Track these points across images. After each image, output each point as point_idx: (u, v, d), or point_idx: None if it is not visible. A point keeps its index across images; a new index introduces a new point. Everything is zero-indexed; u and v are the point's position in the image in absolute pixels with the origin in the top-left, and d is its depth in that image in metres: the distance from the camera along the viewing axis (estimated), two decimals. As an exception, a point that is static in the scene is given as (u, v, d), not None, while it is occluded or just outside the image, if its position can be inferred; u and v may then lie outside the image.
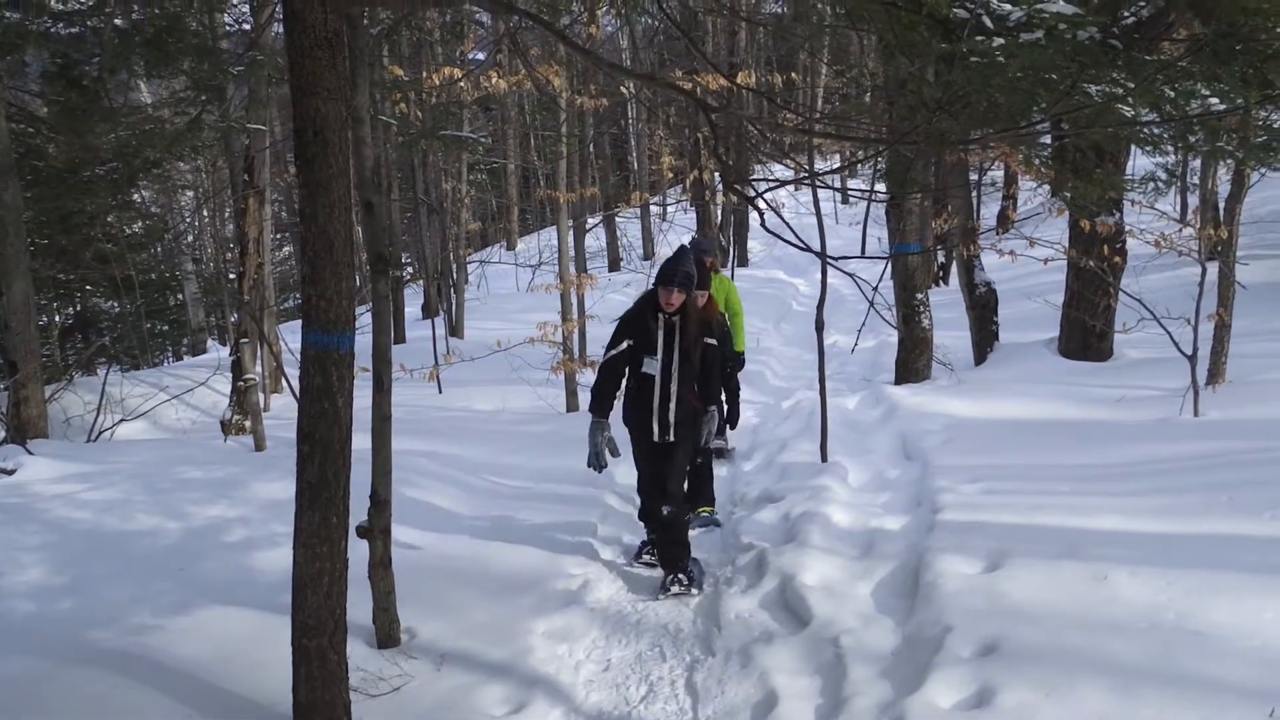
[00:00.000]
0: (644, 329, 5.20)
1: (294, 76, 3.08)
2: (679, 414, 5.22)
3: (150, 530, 5.64)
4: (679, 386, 5.20)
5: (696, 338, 5.21)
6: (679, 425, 5.25)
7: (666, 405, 5.21)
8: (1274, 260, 12.76)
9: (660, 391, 5.19)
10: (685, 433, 5.30)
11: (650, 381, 5.20)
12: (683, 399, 5.22)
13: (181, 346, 20.42)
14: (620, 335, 5.27)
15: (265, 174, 8.76)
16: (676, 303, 5.11)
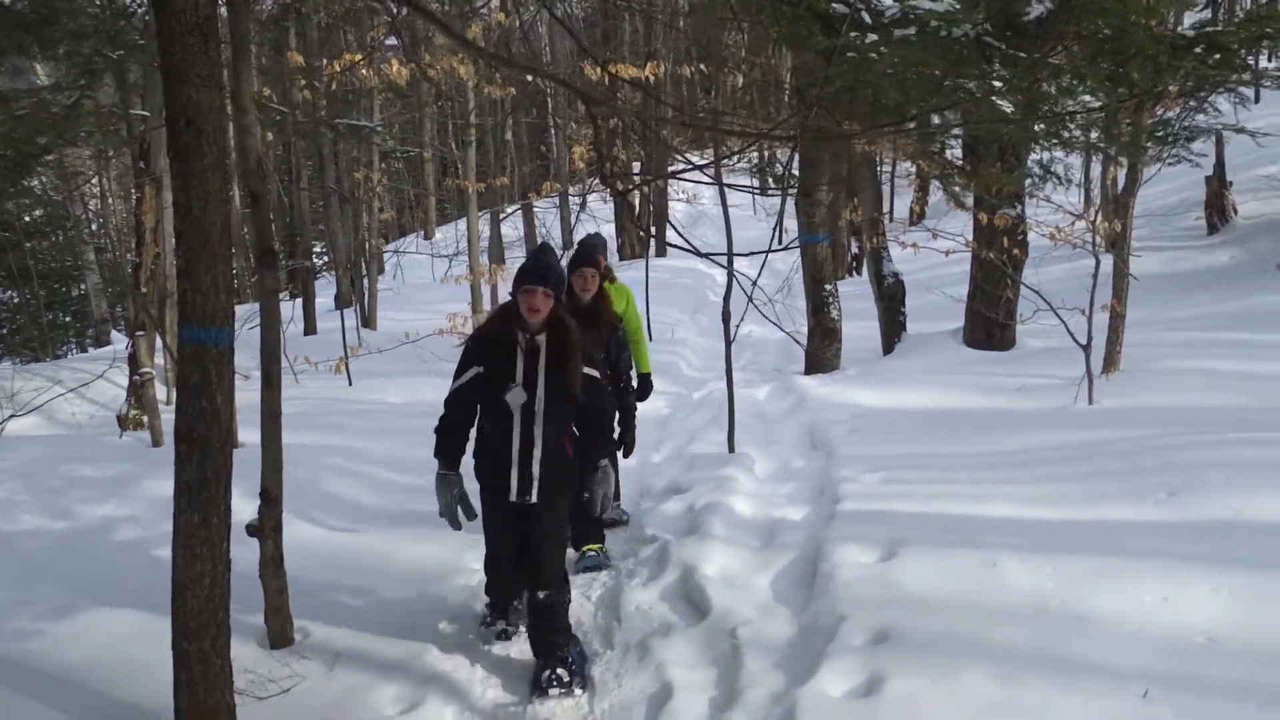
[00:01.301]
0: (500, 351, 4.03)
1: (164, 64, 2.97)
2: (547, 466, 4.04)
3: (34, 531, 5.44)
4: (546, 428, 4.02)
5: (573, 364, 4.04)
6: (546, 480, 4.06)
7: (529, 454, 4.01)
8: (1168, 252, 13.21)
9: (521, 435, 4.00)
10: (555, 490, 4.11)
11: (508, 422, 4.01)
12: (552, 445, 4.06)
13: (85, 338, 19.80)
14: (468, 360, 4.11)
15: (162, 160, 8.48)
16: (543, 310, 3.94)
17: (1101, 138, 4.26)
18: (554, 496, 4.11)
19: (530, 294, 3.92)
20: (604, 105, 4.16)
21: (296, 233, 16.24)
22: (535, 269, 3.99)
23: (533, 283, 3.93)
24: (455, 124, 17.87)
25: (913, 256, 10.41)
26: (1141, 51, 2.90)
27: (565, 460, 4.16)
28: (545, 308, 3.95)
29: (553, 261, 4.08)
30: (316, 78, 7.52)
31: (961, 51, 2.79)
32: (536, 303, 3.92)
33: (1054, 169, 7.76)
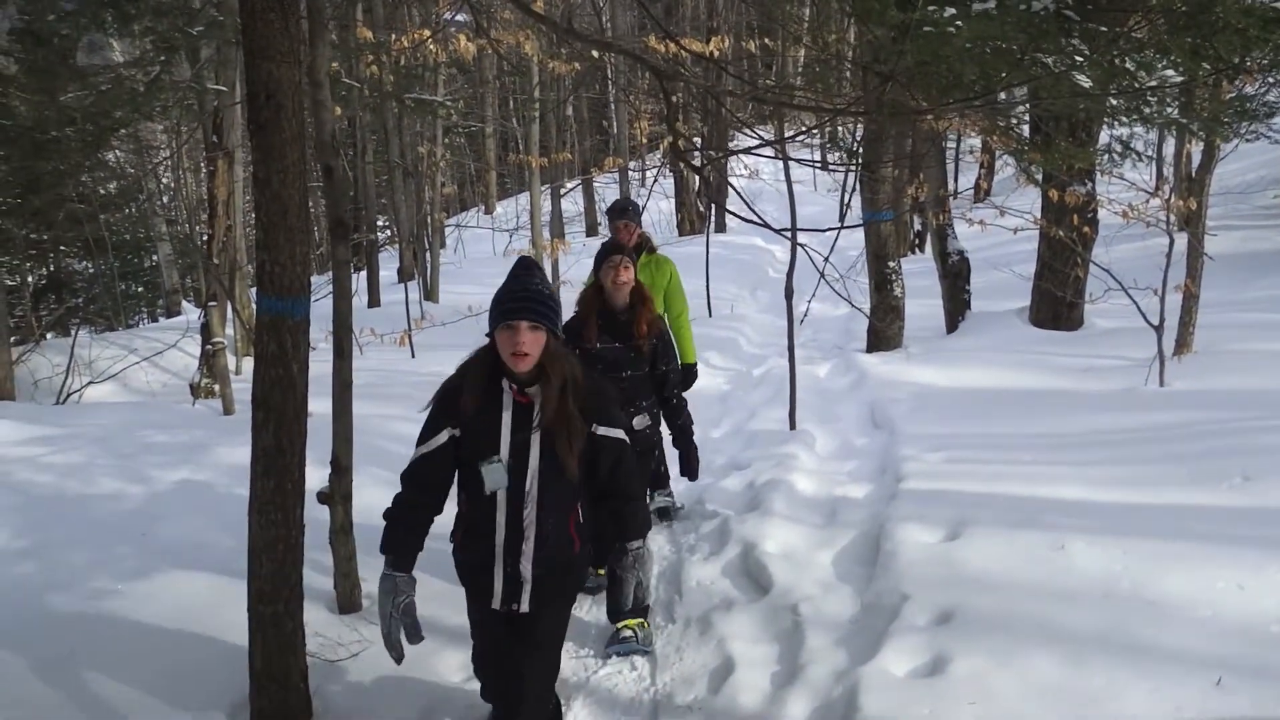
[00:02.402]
0: (478, 409, 2.99)
1: (246, 40, 3.03)
2: (542, 567, 3.05)
3: (113, 494, 5.61)
4: (542, 516, 3.02)
5: (573, 430, 2.98)
6: (541, 586, 3.06)
7: (517, 550, 3.02)
8: (1244, 231, 12.84)
9: (508, 525, 3.01)
10: (554, 596, 3.12)
11: (490, 506, 3.02)
12: (551, 539, 3.04)
13: (156, 308, 20.27)
14: (437, 417, 3.07)
15: (235, 135, 8.65)
16: (532, 352, 2.89)
17: (1181, 113, 4.14)
18: (549, 604, 3.10)
19: (511, 331, 2.85)
20: (676, 78, 4.15)
21: (361, 206, 16.44)
22: (514, 295, 2.89)
23: (514, 316, 2.85)
24: (517, 99, 17.90)
25: (978, 234, 10.26)
26: (1228, 25, 2.82)
27: (570, 558, 3.11)
28: (535, 348, 2.88)
29: (538, 283, 2.97)
30: (385, 52, 7.60)
31: (1041, 25, 2.73)
32: (521, 342, 2.84)
33: (1133, 145, 7.57)
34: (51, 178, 10.87)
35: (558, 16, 9.59)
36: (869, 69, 4.30)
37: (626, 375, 4.55)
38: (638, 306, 4.54)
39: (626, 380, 4.54)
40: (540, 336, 2.89)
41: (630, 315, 4.54)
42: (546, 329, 2.91)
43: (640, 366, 4.59)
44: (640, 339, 4.52)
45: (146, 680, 3.75)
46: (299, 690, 3.56)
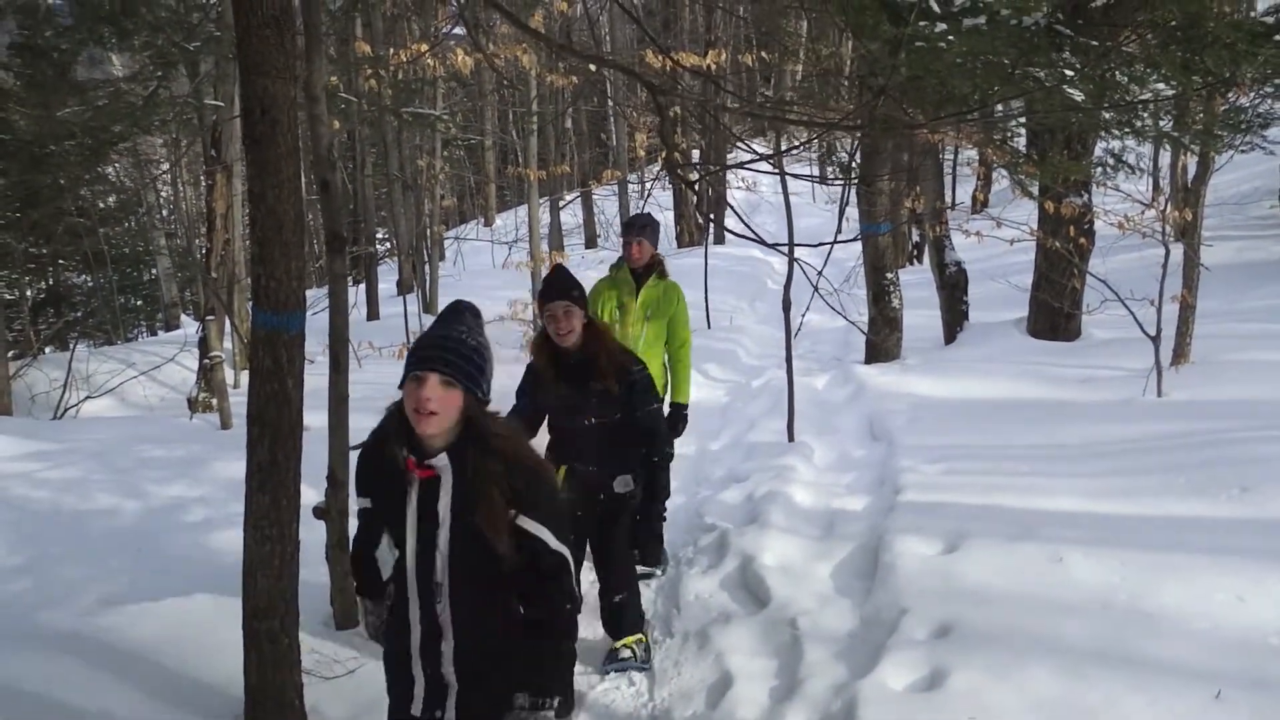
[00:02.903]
0: (388, 480, 2.51)
1: (241, 55, 3.04)
2: (468, 666, 2.53)
3: (109, 510, 5.60)
4: (459, 610, 2.51)
5: (499, 511, 2.42)
6: (472, 690, 2.54)
7: (436, 649, 2.52)
8: (1240, 241, 12.86)
9: (422, 621, 2.52)
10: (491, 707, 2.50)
11: (401, 598, 2.57)
12: (475, 636, 2.52)
13: (155, 322, 20.29)
14: (359, 486, 2.67)
15: (233, 149, 8.66)
16: (442, 412, 2.36)
17: (1174, 126, 4.15)
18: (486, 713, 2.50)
19: (417, 384, 2.34)
20: (670, 93, 4.16)
21: (360, 219, 16.46)
22: (429, 343, 2.42)
23: (423, 366, 2.35)
24: (516, 112, 17.94)
25: (975, 245, 10.26)
26: (1218, 39, 2.83)
27: (503, 654, 2.53)
28: (446, 408, 2.34)
29: (464, 331, 2.44)
30: (383, 67, 7.62)
31: (1032, 40, 2.74)
32: (427, 399, 2.32)
33: (1125, 158, 7.58)
34: (50, 191, 10.90)
35: (556, 30, 9.61)
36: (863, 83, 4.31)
37: (593, 422, 4.03)
38: (595, 348, 3.96)
39: (599, 429, 4.04)
40: (455, 396, 2.35)
41: (588, 356, 3.96)
42: (464, 387, 2.37)
43: (610, 411, 4.02)
44: (607, 379, 3.96)
45: (141, 697, 3.74)
46: (294, 707, 3.55)
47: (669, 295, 5.33)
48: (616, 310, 5.26)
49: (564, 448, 4.13)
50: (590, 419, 4.04)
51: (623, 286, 5.32)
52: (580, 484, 4.06)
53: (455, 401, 2.38)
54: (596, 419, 4.03)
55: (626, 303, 5.27)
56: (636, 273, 5.29)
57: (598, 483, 4.09)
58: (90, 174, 11.39)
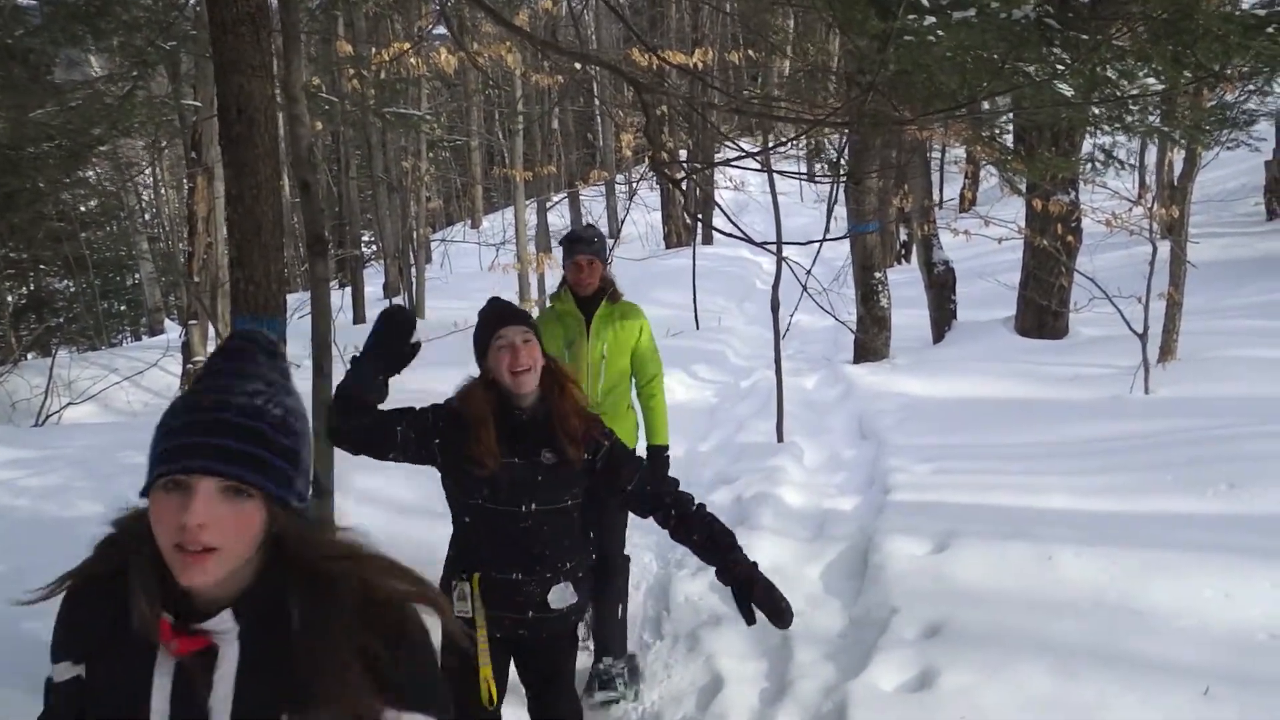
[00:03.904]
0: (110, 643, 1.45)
1: (217, 53, 2.99)
2: None
3: (91, 518, 5.44)
4: None
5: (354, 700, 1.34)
6: None
7: None
8: (1225, 239, 12.91)
9: None
10: None
11: None
12: None
13: (139, 327, 20.16)
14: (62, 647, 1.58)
15: (214, 151, 8.59)
16: (221, 546, 1.31)
17: (1163, 121, 4.14)
18: None
19: (180, 496, 1.32)
20: (655, 91, 4.12)
21: (345, 221, 16.39)
22: (194, 424, 1.38)
23: (184, 460, 1.34)
24: (502, 112, 17.90)
25: (963, 244, 10.28)
26: (1209, 32, 2.81)
27: None
28: (233, 536, 1.33)
29: (252, 389, 1.40)
30: (365, 67, 7.57)
31: (1022, 34, 2.71)
32: (194, 513, 1.29)
33: (1115, 153, 7.58)
34: (30, 195, 10.79)
35: (541, 29, 9.57)
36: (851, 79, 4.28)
37: (533, 509, 2.75)
38: (554, 397, 2.78)
39: (541, 518, 2.77)
40: (249, 513, 1.34)
41: (545, 412, 2.77)
42: (263, 493, 1.35)
43: (561, 493, 2.79)
44: (570, 447, 2.75)
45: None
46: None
47: (628, 321, 4.21)
48: (565, 351, 4.07)
49: (480, 544, 2.78)
50: (531, 504, 2.73)
51: (569, 320, 4.16)
52: (500, 600, 2.76)
53: (250, 523, 1.35)
54: (540, 504, 2.74)
55: (576, 340, 4.11)
56: (584, 300, 4.14)
57: (524, 599, 2.76)
58: (70, 177, 11.29)
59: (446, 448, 2.77)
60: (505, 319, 2.81)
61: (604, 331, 4.14)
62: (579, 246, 4.13)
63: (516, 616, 2.79)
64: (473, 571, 2.78)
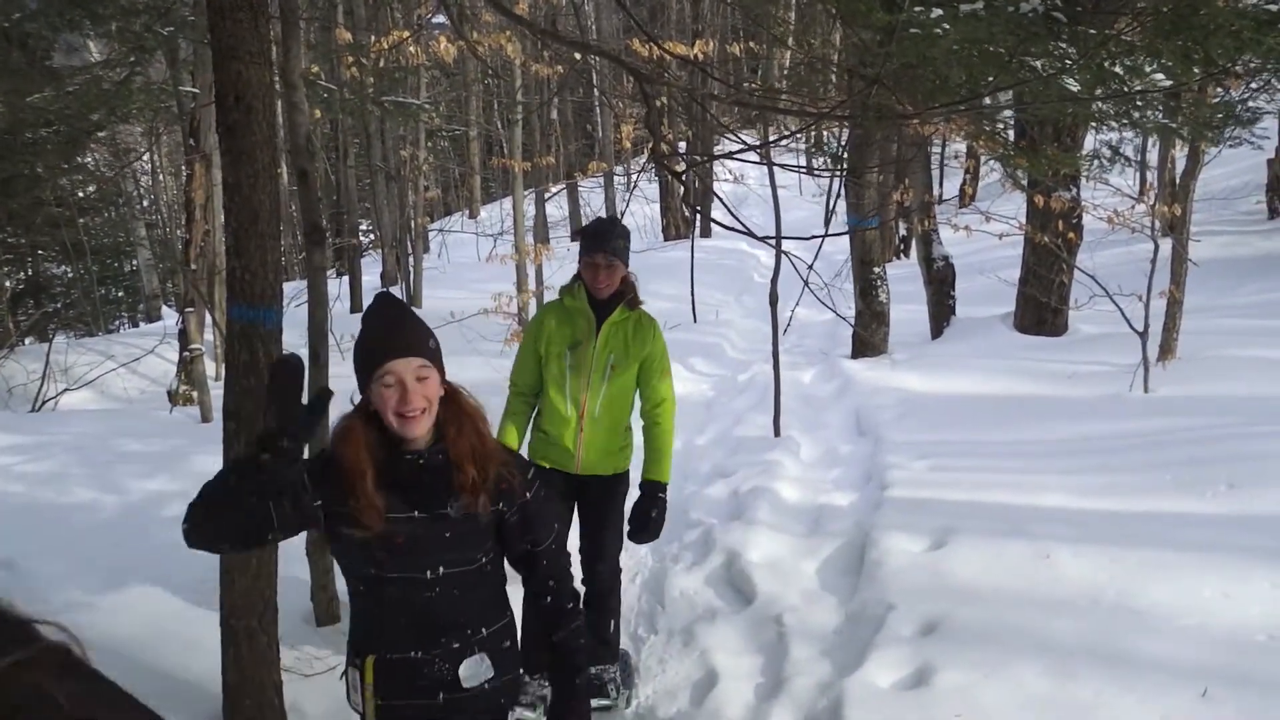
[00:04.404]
0: None
1: (214, 39, 2.96)
2: None
3: (86, 504, 5.51)
4: None
5: None
6: None
7: None
8: (1227, 236, 12.88)
9: None
10: None
11: None
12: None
13: (137, 313, 20.12)
14: None
15: (212, 138, 8.55)
16: None
17: (1170, 117, 4.11)
18: None
19: None
20: (657, 82, 4.09)
21: (343, 210, 16.33)
22: None
23: None
24: (501, 102, 17.81)
25: (963, 239, 10.24)
26: (1221, 27, 2.78)
27: None
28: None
29: None
30: (364, 55, 7.52)
31: (1030, 28, 2.68)
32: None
33: (1122, 150, 7.54)
34: (28, 180, 10.76)
35: (541, 18, 9.53)
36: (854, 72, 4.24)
37: (441, 574, 2.23)
38: (461, 440, 2.22)
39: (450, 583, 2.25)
40: None
41: (441, 457, 2.21)
42: None
43: (473, 550, 2.27)
44: (470, 497, 2.21)
45: (116, 696, 3.67)
46: (274, 706, 3.49)
47: (642, 334, 3.75)
48: (567, 352, 3.69)
49: (378, 621, 2.29)
50: (439, 567, 2.23)
51: (578, 319, 3.72)
52: (401, 685, 2.28)
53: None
54: (450, 567, 2.24)
55: (583, 343, 3.69)
56: (599, 302, 3.71)
57: (429, 681, 2.27)
58: (68, 163, 11.25)
59: (327, 506, 2.19)
60: (395, 348, 2.15)
61: (615, 339, 3.71)
62: (599, 244, 3.60)
63: (423, 703, 2.26)
64: (366, 655, 2.28)
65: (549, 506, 2.40)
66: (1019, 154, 6.22)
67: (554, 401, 3.71)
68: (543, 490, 2.36)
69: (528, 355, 3.78)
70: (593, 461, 3.77)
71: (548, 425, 3.77)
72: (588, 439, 3.73)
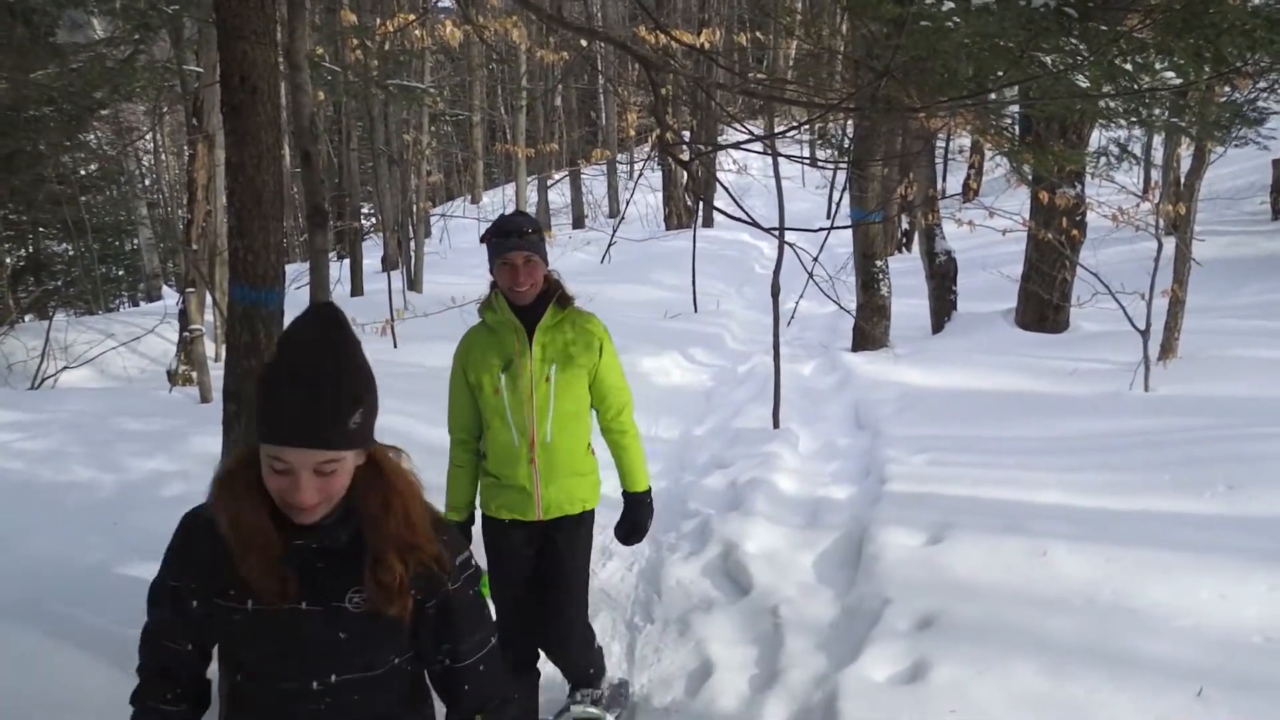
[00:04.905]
0: None
1: (219, 18, 2.94)
2: None
3: (85, 483, 5.50)
4: None
5: None
6: None
7: None
8: (1231, 236, 12.86)
9: None
10: None
11: None
12: None
13: (137, 292, 20.10)
14: None
15: (215, 118, 8.52)
16: None
17: (1178, 116, 4.10)
18: None
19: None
20: (665, 70, 4.07)
21: (345, 193, 16.30)
22: None
23: None
24: (506, 88, 17.78)
25: (965, 234, 10.23)
26: (1234, 26, 2.76)
27: None
28: None
29: None
30: (369, 37, 7.49)
31: (1041, 23, 2.67)
32: None
33: (1130, 148, 7.52)
34: (30, 157, 10.73)
35: (548, 4, 9.50)
36: (862, 64, 4.21)
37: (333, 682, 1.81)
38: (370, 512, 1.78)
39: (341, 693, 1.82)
40: None
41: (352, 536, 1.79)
42: None
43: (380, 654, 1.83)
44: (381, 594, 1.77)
45: (117, 675, 3.66)
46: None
47: (585, 336, 3.24)
48: (501, 377, 3.16)
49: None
50: (329, 674, 1.81)
51: (505, 334, 3.17)
52: None
53: None
54: (343, 674, 1.81)
55: (516, 360, 3.15)
56: (525, 310, 3.15)
57: None
58: (70, 140, 11.22)
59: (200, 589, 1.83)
60: (299, 433, 1.63)
61: (553, 346, 3.18)
62: (512, 241, 3.05)
63: None
64: None
65: (477, 607, 1.88)
66: (1025, 150, 6.20)
67: (497, 434, 3.20)
68: (473, 587, 1.85)
69: (458, 393, 3.26)
70: (558, 500, 3.24)
71: (495, 466, 3.24)
72: (545, 471, 3.19)
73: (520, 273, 3.06)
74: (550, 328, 3.18)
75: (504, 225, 3.08)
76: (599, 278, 13.31)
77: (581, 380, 3.24)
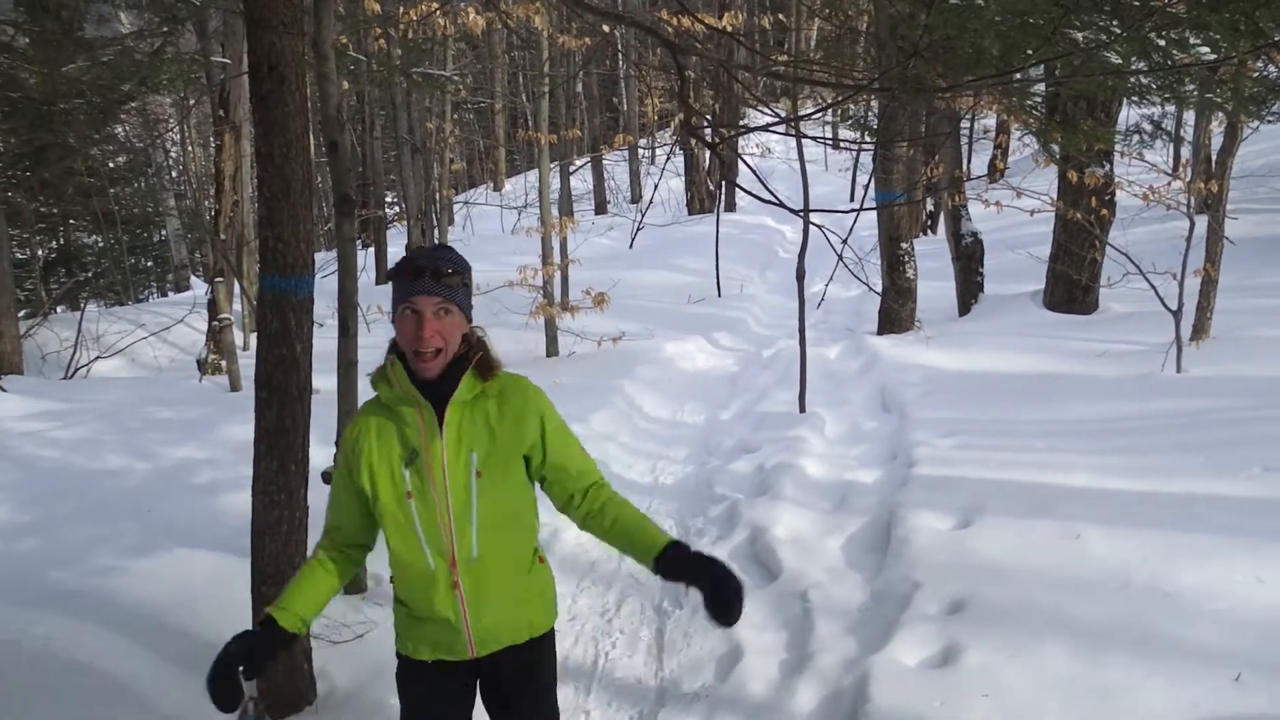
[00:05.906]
0: None
1: (247, 9, 2.95)
2: None
3: (117, 470, 5.58)
4: None
5: None
6: None
7: None
8: (1263, 215, 12.67)
9: None
10: None
11: None
12: None
13: (165, 283, 20.28)
14: None
15: (242, 109, 8.57)
16: None
17: (1215, 91, 4.02)
18: None
19: None
20: (691, 53, 4.04)
21: (369, 182, 16.36)
22: None
23: None
24: (527, 75, 17.76)
25: (992, 215, 10.12)
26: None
27: None
28: None
29: None
30: (393, 26, 7.50)
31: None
32: None
33: (1164, 125, 7.41)
34: (60, 150, 10.84)
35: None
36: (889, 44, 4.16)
37: None
38: None
39: None
40: None
41: None
42: None
43: None
44: None
45: (149, 657, 3.72)
46: (302, 671, 3.53)
47: (513, 408, 2.35)
48: (402, 470, 2.29)
49: None
50: None
51: (406, 414, 2.30)
52: None
53: None
54: None
55: (421, 450, 2.28)
56: (432, 382, 2.27)
57: None
58: (99, 133, 11.32)
59: None
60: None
61: (472, 427, 2.31)
62: (421, 284, 2.21)
63: None
64: None
65: None
66: (1054, 128, 6.12)
67: (403, 556, 2.31)
68: None
69: (341, 492, 2.38)
70: (495, 629, 2.37)
71: (407, 594, 2.38)
72: (474, 597, 2.30)
73: (427, 326, 2.20)
74: (467, 403, 2.31)
75: (416, 260, 2.24)
76: (622, 263, 13.31)
77: (517, 469, 2.36)
